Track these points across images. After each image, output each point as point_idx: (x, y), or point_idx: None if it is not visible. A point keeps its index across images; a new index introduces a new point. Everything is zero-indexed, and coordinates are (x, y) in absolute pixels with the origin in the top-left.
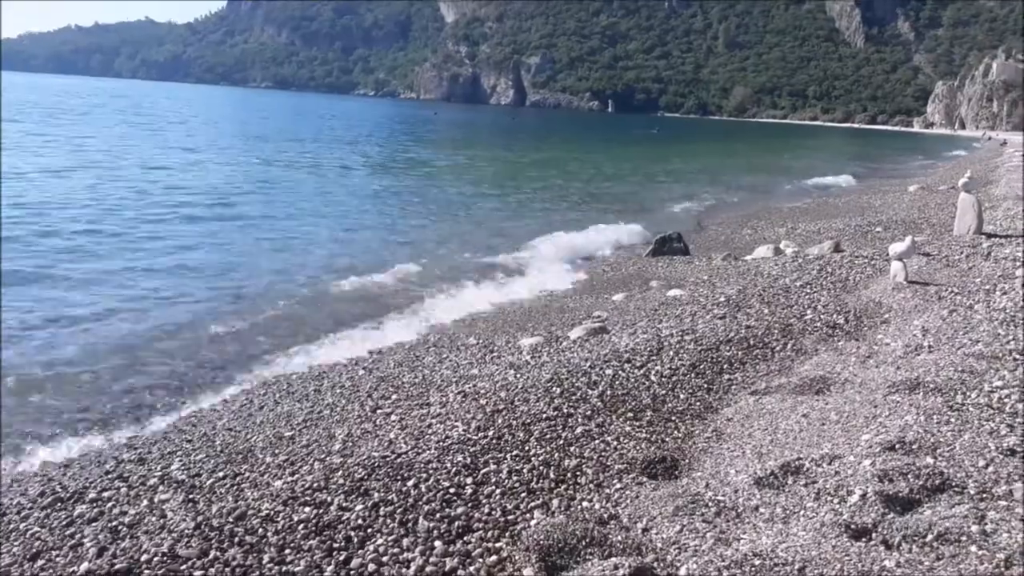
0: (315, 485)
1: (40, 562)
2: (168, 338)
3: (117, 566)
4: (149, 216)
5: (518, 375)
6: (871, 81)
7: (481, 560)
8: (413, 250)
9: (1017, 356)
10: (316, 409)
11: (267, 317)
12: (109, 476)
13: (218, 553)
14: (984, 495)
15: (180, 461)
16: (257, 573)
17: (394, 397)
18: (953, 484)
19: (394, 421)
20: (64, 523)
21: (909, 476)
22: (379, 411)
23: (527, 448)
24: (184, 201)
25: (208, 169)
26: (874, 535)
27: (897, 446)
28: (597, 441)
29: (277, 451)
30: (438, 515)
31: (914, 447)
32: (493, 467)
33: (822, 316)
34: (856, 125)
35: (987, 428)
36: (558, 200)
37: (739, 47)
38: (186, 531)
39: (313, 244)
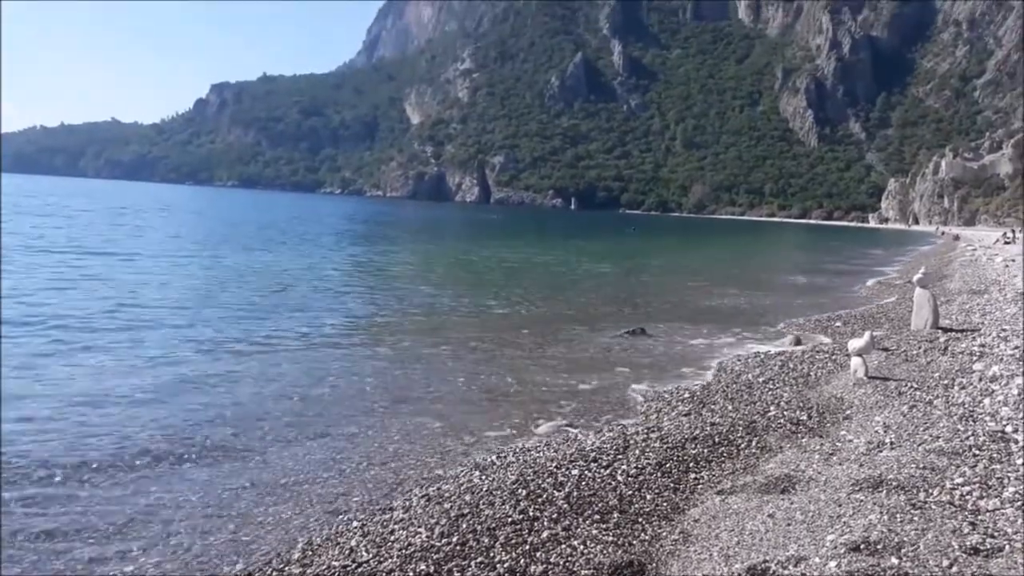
0: None
1: None
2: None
3: None
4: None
5: (483, 476)
6: (826, 179)
7: None
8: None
9: (977, 452)
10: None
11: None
12: None
13: None
14: None
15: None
16: None
17: (356, 500)
18: None
19: (356, 528)
20: None
21: None
22: (339, 516)
23: (492, 554)
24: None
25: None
26: None
27: (862, 546)
28: (563, 545)
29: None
30: None
31: (878, 547)
32: None
33: (785, 413)
34: (813, 221)
35: (950, 526)
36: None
37: (697, 147)
38: None
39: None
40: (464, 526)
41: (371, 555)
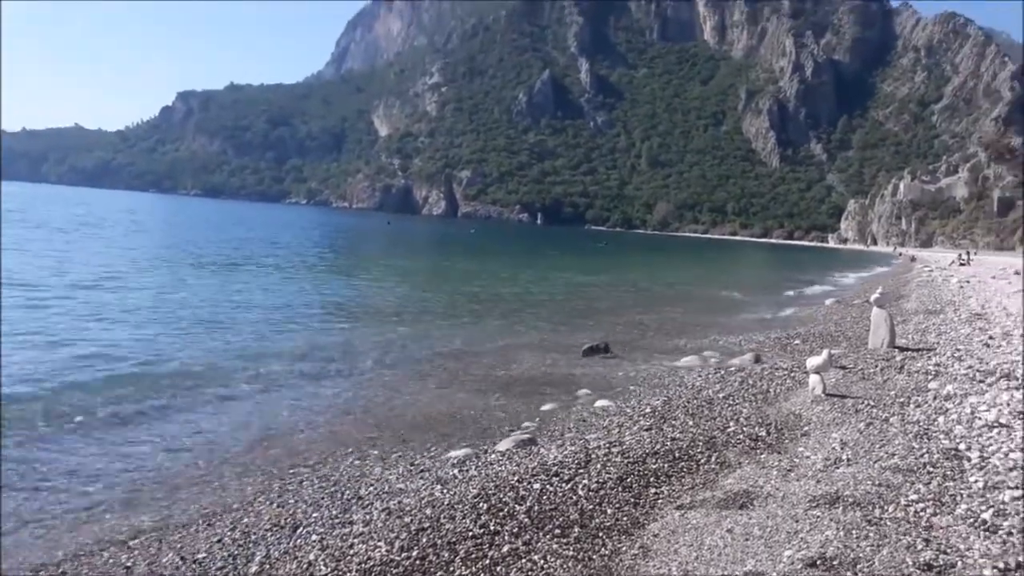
0: None
1: None
2: None
3: None
4: None
5: (445, 490)
6: (787, 198)
7: None
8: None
9: (931, 469)
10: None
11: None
12: None
13: None
14: None
15: None
16: None
17: (315, 515)
18: None
19: (315, 541)
20: None
21: None
22: (298, 529)
23: (452, 569)
24: None
25: None
26: None
27: (818, 562)
28: (524, 560)
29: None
30: None
31: (835, 563)
32: None
33: (744, 428)
34: (774, 240)
35: (904, 543)
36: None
37: (661, 165)
38: None
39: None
40: (424, 540)
41: (329, 569)
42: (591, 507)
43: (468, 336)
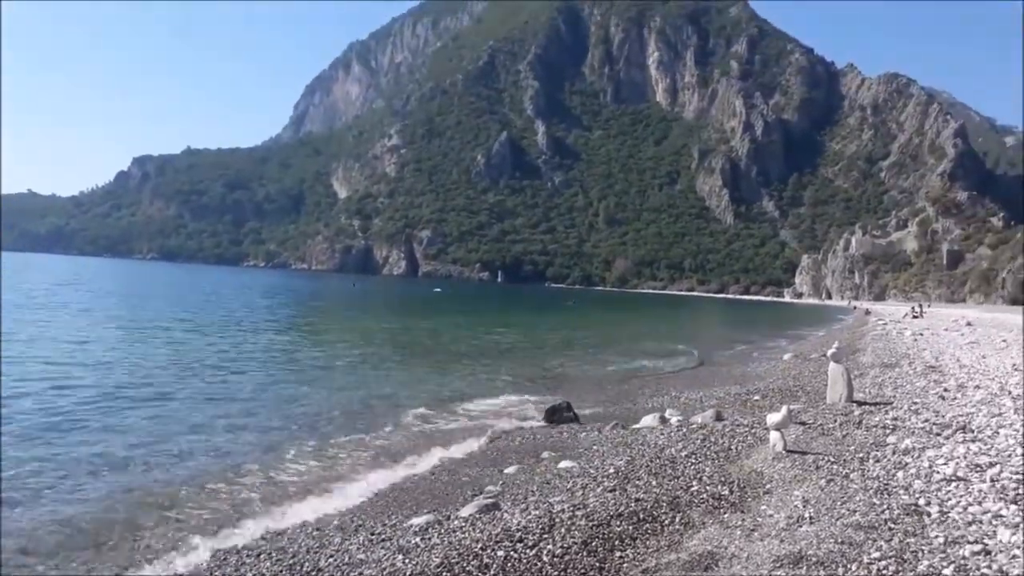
0: None
1: None
2: None
3: None
4: None
5: (407, 560)
6: (742, 254)
7: None
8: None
9: (892, 525)
10: None
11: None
12: None
13: None
14: None
15: None
16: None
17: None
18: None
19: None
20: None
21: None
22: None
23: None
24: None
25: None
26: None
27: None
28: None
29: None
30: None
31: None
32: None
33: (707, 487)
34: (731, 295)
35: None
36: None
37: (618, 223)
38: None
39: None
40: None
41: None
42: (556, 574)
43: (430, 397)
